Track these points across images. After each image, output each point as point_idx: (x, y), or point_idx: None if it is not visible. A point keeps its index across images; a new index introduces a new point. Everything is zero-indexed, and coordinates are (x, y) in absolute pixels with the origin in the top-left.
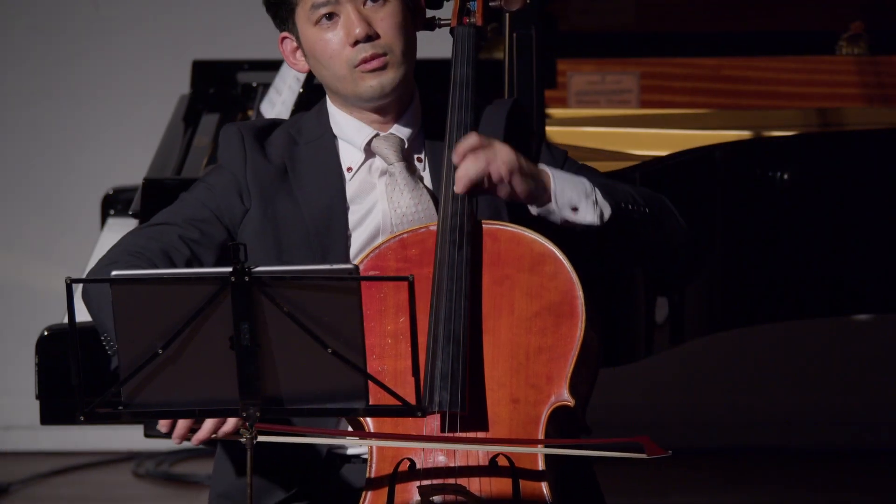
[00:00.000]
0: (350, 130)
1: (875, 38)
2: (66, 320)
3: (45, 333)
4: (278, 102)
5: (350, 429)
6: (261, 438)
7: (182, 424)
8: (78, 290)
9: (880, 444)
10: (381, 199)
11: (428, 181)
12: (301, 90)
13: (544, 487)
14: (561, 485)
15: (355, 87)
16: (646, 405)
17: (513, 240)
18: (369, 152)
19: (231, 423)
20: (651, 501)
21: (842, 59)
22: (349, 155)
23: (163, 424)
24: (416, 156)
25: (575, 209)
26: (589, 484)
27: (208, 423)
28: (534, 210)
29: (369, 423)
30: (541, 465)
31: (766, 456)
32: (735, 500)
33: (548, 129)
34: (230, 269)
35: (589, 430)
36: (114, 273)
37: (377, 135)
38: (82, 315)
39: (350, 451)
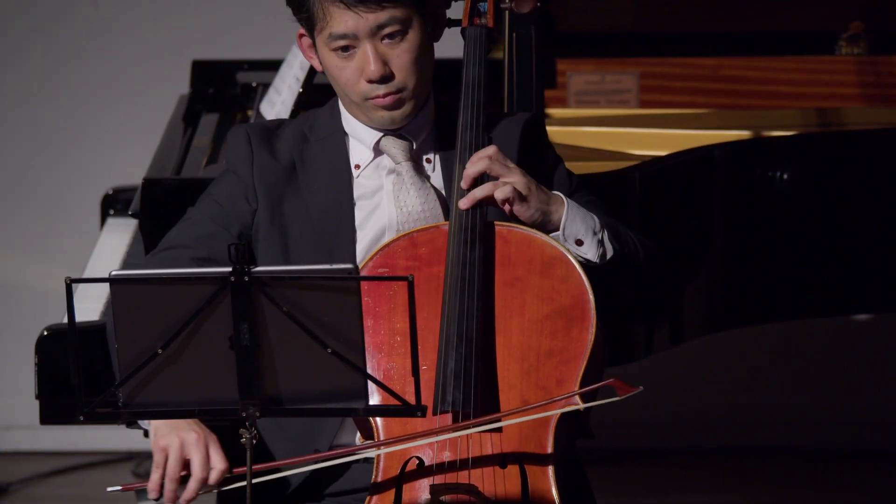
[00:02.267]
0: (360, 128)
1: (875, 38)
2: (65, 320)
3: (45, 333)
4: (278, 102)
5: (357, 430)
6: (259, 479)
7: (169, 488)
8: (78, 290)
9: (880, 444)
10: (387, 198)
11: (437, 182)
12: (301, 90)
13: (553, 489)
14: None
15: (368, 114)
16: (646, 405)
17: (524, 242)
18: (378, 150)
19: (216, 473)
20: (651, 501)
21: (841, 59)
22: (358, 152)
23: (151, 490)
24: (425, 157)
25: (580, 243)
26: (580, 484)
27: (193, 483)
28: None
29: (378, 422)
30: (550, 468)
31: (766, 456)
32: (735, 500)
33: (548, 129)
34: (229, 269)
35: (592, 435)
36: (113, 273)
37: (386, 134)
38: (82, 315)
39: None
